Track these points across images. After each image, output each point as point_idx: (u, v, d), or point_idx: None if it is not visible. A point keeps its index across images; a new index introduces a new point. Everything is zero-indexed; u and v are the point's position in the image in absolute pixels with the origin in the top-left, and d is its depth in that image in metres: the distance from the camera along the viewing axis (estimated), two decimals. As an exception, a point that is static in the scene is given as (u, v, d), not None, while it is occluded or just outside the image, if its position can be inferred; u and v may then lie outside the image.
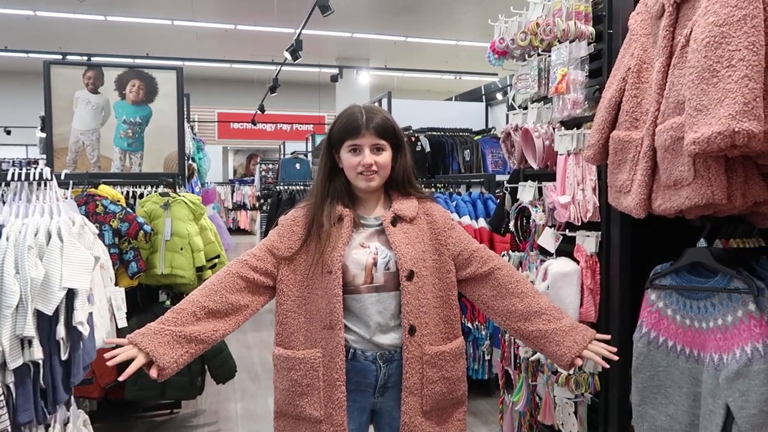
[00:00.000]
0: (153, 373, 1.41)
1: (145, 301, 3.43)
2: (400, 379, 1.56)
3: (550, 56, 2.14)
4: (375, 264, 1.55)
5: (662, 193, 1.53)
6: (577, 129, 1.99)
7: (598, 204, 1.92)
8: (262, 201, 11.49)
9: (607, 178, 1.78)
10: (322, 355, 1.53)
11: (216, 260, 3.51)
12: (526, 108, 2.34)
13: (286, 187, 8.75)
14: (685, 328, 1.57)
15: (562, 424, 1.96)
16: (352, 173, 1.58)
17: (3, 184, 1.63)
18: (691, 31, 1.44)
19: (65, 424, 1.74)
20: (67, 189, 1.86)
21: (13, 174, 1.54)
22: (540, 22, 2.08)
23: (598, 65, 2.00)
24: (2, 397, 1.22)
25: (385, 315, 1.55)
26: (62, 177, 1.74)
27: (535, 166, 2.16)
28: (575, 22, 2.00)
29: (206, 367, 3.32)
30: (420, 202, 1.66)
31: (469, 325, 3.71)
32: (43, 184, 1.60)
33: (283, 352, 1.59)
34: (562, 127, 2.06)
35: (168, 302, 3.35)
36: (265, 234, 9.86)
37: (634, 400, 1.67)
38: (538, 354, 2.02)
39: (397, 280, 1.55)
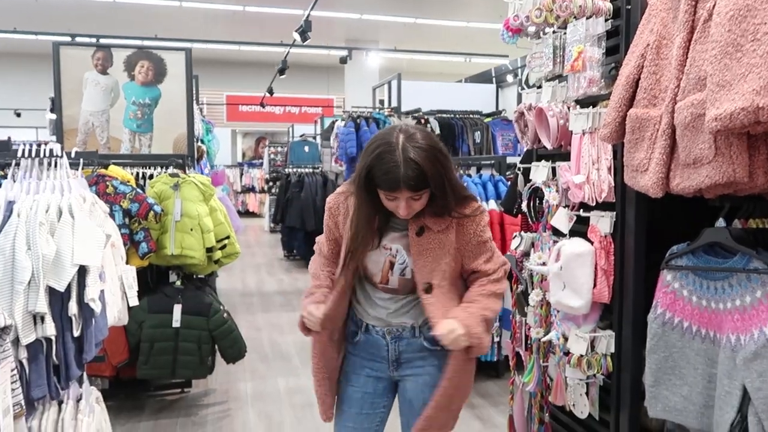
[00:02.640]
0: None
1: (156, 281, 3.45)
2: (411, 357, 1.66)
3: (565, 33, 2.10)
4: (392, 268, 1.61)
5: (681, 172, 1.50)
6: (593, 107, 1.95)
7: (613, 184, 1.89)
8: (270, 184, 11.51)
9: (622, 157, 1.76)
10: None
11: (226, 241, 3.51)
12: (540, 87, 2.30)
13: (294, 170, 8.74)
14: (701, 308, 1.55)
15: (573, 404, 1.95)
16: (389, 207, 1.55)
17: (13, 162, 1.62)
18: (714, 5, 1.39)
19: (78, 400, 1.75)
20: (78, 168, 1.85)
21: (23, 151, 1.53)
22: (556, -2, 2.03)
23: (615, 42, 1.95)
24: (15, 372, 1.22)
25: (396, 310, 1.65)
26: (72, 155, 1.73)
27: (548, 146, 2.13)
28: (592, -2, 1.95)
29: (216, 347, 3.34)
30: (458, 213, 1.58)
31: (479, 307, 3.70)
32: (53, 162, 1.59)
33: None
34: (578, 106, 2.02)
35: (178, 282, 3.36)
36: (273, 217, 9.89)
37: (647, 381, 1.66)
38: (550, 335, 2.00)
39: (411, 287, 1.61)
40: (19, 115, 13.98)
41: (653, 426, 1.87)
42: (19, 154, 1.53)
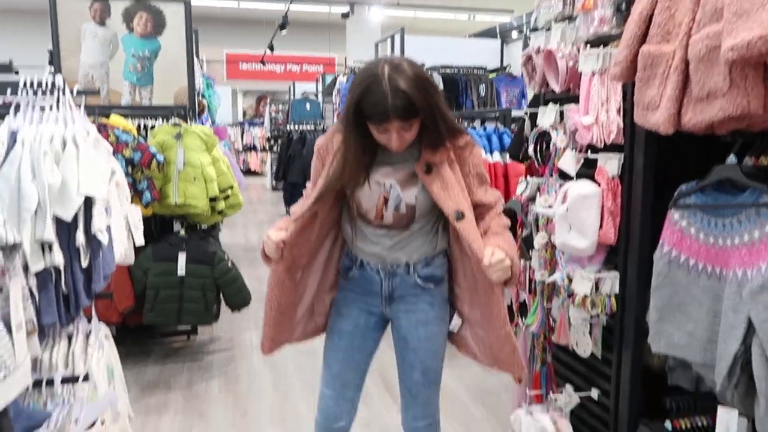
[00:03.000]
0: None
1: (160, 230, 3.46)
2: (404, 293, 1.68)
3: (577, -28, 2.04)
4: (386, 203, 1.60)
5: (693, 107, 1.47)
6: (603, 47, 1.91)
7: (622, 125, 1.87)
8: (272, 142, 11.43)
9: (632, 98, 1.73)
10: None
11: (229, 191, 3.51)
12: (548, 29, 2.25)
13: (296, 128, 8.67)
14: (708, 246, 1.55)
15: (577, 343, 1.97)
16: (380, 140, 1.54)
17: (16, 97, 1.59)
18: (733, -68, 1.35)
19: (87, 335, 1.77)
20: (79, 108, 1.83)
21: (26, 82, 1.51)
22: (568, -67, 1.97)
23: (629, -21, 1.90)
24: (27, 291, 1.23)
25: (392, 246, 1.65)
26: (74, 93, 1.70)
27: (557, 89, 2.10)
28: (606, -68, 1.88)
29: (221, 295, 3.37)
30: (452, 145, 1.60)
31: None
32: (56, 95, 1.57)
33: None
34: (588, 46, 1.98)
35: (182, 232, 3.37)
36: (275, 175, 9.86)
37: (651, 318, 1.67)
38: (554, 276, 2.01)
39: (405, 222, 1.62)
40: (17, 72, 13.80)
41: (655, 363, 1.90)
42: (21, 84, 1.51)
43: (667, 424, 1.78)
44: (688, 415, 1.79)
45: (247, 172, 14.83)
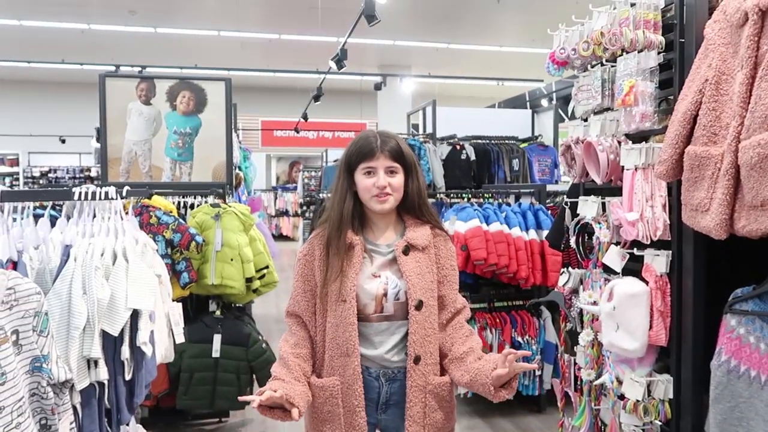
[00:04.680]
0: (295, 415, 1.48)
1: (196, 310, 3.47)
2: (401, 399, 1.61)
3: (614, 67, 2.06)
4: (385, 294, 1.60)
5: (747, 214, 1.43)
6: (645, 142, 1.90)
7: (668, 222, 1.83)
8: (304, 208, 11.60)
9: (678, 194, 1.70)
10: (341, 382, 1.58)
11: (265, 270, 3.52)
12: (586, 120, 2.25)
13: (328, 194, 8.78)
14: (770, 357, 1.46)
15: (630, 452, 1.87)
16: (367, 195, 1.61)
17: (65, 205, 1.65)
18: (781, 41, 1.35)
19: (125, 439, 1.75)
20: (126, 199, 1.87)
21: (80, 194, 1.55)
22: (605, 32, 2.00)
23: (668, 76, 1.91)
24: (74, 424, 1.22)
25: (393, 341, 1.61)
26: (124, 194, 1.75)
27: (598, 181, 2.08)
28: (644, 31, 1.91)
29: (255, 377, 3.33)
30: (432, 231, 1.68)
31: (519, 339, 3.62)
32: (108, 205, 1.61)
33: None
34: (629, 141, 1.97)
35: (218, 312, 3.38)
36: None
37: (712, 432, 1.57)
38: (603, 378, 1.93)
39: (406, 310, 1.60)
40: (63, 141, 14.46)
41: (717, 478, 1.77)
42: (76, 197, 1.56)
43: None
44: None
45: (279, 236, 15.00)
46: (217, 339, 3.23)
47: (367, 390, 1.61)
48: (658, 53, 1.90)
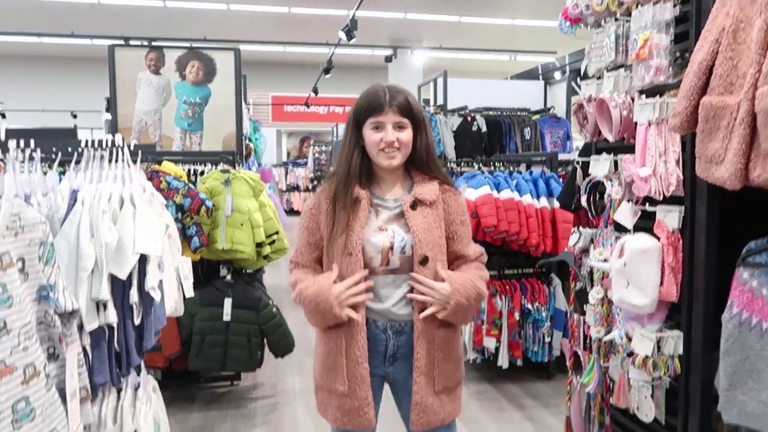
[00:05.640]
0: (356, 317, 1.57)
1: (207, 275, 3.50)
2: (409, 352, 1.63)
3: (628, 21, 2.01)
4: (392, 248, 1.60)
5: (762, 162, 1.40)
6: (660, 97, 1.86)
7: (681, 177, 1.80)
8: (315, 182, 11.61)
9: (692, 148, 1.66)
10: (345, 333, 1.60)
11: (275, 236, 3.53)
12: (599, 78, 2.21)
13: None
14: (783, 308, 1.45)
15: (638, 407, 1.86)
16: (374, 150, 1.61)
17: (76, 153, 1.65)
18: (802, -18, 1.30)
19: (136, 389, 1.77)
20: (136, 162, 1.88)
21: (87, 142, 1.56)
22: (620, -16, 1.95)
23: (684, 29, 1.86)
24: (81, 356, 1.24)
25: (399, 294, 1.62)
26: (131, 147, 1.76)
27: (611, 139, 2.04)
28: (660, -18, 1.86)
29: (265, 341, 3.36)
30: (441, 187, 1.67)
31: (529, 306, 3.61)
32: (114, 153, 1.61)
33: (316, 330, 1.70)
34: (643, 96, 1.93)
35: (228, 276, 3.40)
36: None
37: (721, 385, 1.56)
38: (612, 334, 1.92)
39: (412, 264, 1.60)
40: (75, 116, 14.52)
41: (725, 431, 1.77)
42: (83, 144, 1.57)
43: (742, 500, 1.65)
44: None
45: (291, 211, 15.04)
46: (227, 303, 3.26)
47: (374, 343, 1.63)
48: (674, 5, 1.85)
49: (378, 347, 1.64)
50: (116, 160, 1.61)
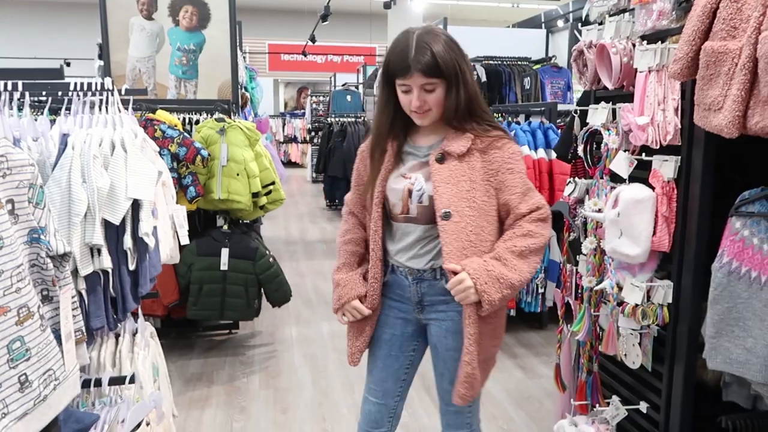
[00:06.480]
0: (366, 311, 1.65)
1: (203, 225, 3.51)
2: (434, 300, 1.62)
3: (632, -37, 1.95)
4: (410, 195, 1.57)
5: (761, 110, 1.38)
6: (661, 43, 1.82)
7: (679, 126, 1.78)
8: (313, 134, 11.51)
9: (692, 97, 1.64)
10: (365, 270, 1.68)
11: (271, 187, 3.53)
12: (601, 24, 2.16)
13: (337, 120, 8.69)
14: (773, 257, 1.46)
15: (625, 354, 1.90)
16: (406, 110, 1.56)
17: (66, 98, 1.62)
18: None
19: (134, 334, 1.81)
20: (127, 108, 1.85)
21: (75, 85, 1.53)
22: (625, -77, 1.87)
23: (689, -29, 1.80)
24: (76, 300, 1.25)
25: (419, 244, 1.60)
26: (122, 92, 1.72)
27: (610, 86, 2.01)
28: None
29: (263, 290, 3.40)
30: (480, 138, 1.54)
31: (524, 258, 3.63)
32: (105, 97, 1.59)
33: None
34: (644, 42, 1.89)
35: (225, 226, 3.41)
36: (316, 167, 9.92)
37: (707, 333, 1.59)
38: (603, 284, 1.94)
39: (431, 215, 1.55)
40: (69, 64, 14.23)
41: (709, 378, 1.82)
42: (71, 87, 1.54)
43: (723, 443, 1.71)
44: (745, 435, 1.71)
45: (288, 163, 14.98)
46: (225, 252, 3.28)
47: (402, 288, 1.65)
48: (680, -54, 1.78)
49: (406, 293, 1.65)
50: (106, 104, 1.58)
